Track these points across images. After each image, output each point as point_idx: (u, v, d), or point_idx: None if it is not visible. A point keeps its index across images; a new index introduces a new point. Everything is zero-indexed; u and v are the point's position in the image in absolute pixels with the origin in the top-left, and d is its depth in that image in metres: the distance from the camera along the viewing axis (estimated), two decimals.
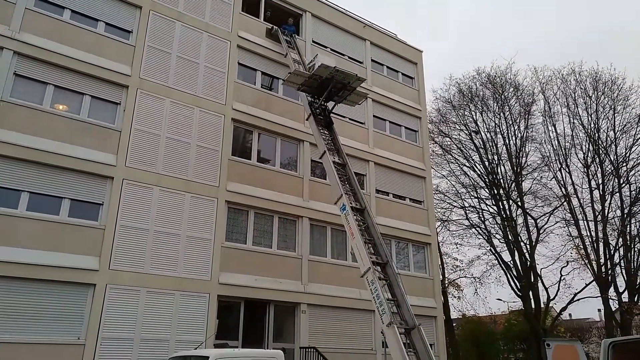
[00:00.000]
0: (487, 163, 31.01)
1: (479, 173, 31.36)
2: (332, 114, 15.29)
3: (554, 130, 31.12)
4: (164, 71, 14.82)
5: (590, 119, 30.37)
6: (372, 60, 20.76)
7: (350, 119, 18.80)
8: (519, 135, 30.74)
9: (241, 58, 16.78)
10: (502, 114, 31.23)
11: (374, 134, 19.42)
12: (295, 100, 17.33)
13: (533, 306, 28.17)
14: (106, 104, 13.70)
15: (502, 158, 30.88)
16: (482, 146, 31.29)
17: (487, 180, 31.03)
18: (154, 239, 13.11)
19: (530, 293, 28.29)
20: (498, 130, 31.13)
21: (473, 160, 31.72)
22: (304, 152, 17.10)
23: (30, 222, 11.66)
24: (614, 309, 29.02)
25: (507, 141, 30.73)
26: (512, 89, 31.84)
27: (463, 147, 31.92)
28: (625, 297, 28.47)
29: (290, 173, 16.69)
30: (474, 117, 31.94)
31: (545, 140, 31.17)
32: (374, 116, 19.75)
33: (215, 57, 16.05)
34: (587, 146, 30.36)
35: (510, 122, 30.98)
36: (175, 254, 13.34)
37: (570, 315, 41.70)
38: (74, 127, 12.91)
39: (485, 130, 31.53)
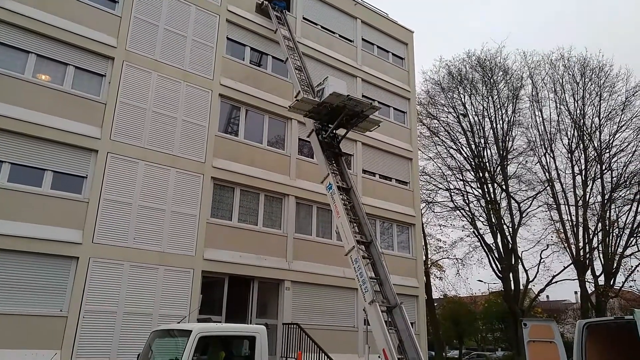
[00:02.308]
0: (473, 146, 31.29)
1: (465, 156, 31.67)
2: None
3: (540, 115, 31.45)
4: (151, 44, 14.53)
5: (576, 105, 30.74)
6: (363, 39, 20.58)
7: None
8: (506, 119, 31.02)
9: (230, 33, 16.51)
10: (490, 98, 31.41)
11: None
12: (284, 77, 17.17)
13: (513, 288, 28.81)
14: (91, 75, 13.43)
15: (489, 142, 31.19)
16: (470, 129, 31.51)
17: (473, 163, 31.34)
18: (138, 214, 13.05)
19: (511, 275, 28.93)
20: (486, 114, 31.36)
21: (460, 143, 32.00)
22: (291, 130, 17.02)
23: (12, 193, 11.49)
24: (590, 291, 29.85)
25: (494, 125, 31.00)
26: (501, 73, 31.99)
27: (450, 129, 32.15)
28: (601, 280, 29.29)
29: (277, 151, 16.63)
30: (463, 100, 32.09)
31: (531, 125, 31.53)
32: (363, 96, 19.65)
33: (203, 31, 15.77)
34: (572, 132, 30.80)
35: (498, 106, 31.20)
36: (159, 229, 13.30)
37: (547, 297, 42.71)
38: (57, 98, 12.65)
39: (473, 113, 31.74)
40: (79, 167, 12.62)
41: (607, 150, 30.29)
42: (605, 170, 30.06)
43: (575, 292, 38.87)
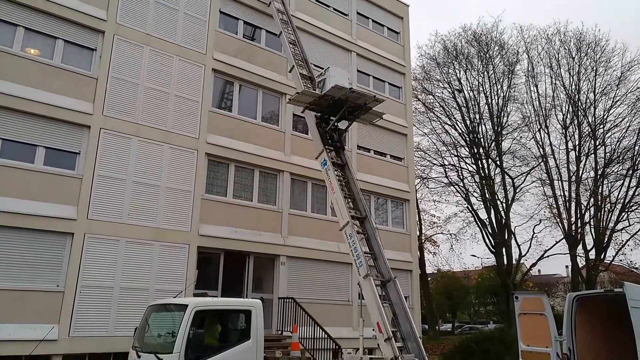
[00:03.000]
0: (468, 122, 31.24)
1: (460, 132, 31.64)
2: (314, 67, 15.01)
3: (535, 90, 31.35)
4: (142, 17, 14.25)
5: (571, 80, 30.65)
6: (358, 13, 20.27)
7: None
8: (502, 94, 30.90)
9: (223, 6, 16.20)
10: (486, 73, 31.22)
11: (357, 88, 19.18)
12: (278, 52, 16.95)
13: (505, 262, 29.20)
14: (81, 49, 13.19)
15: (484, 117, 31.14)
16: (465, 105, 31.41)
17: (467, 139, 31.34)
18: (132, 190, 13.02)
19: (504, 249, 29.27)
20: (481, 89, 31.22)
21: (455, 118, 31.91)
22: (286, 105, 16.88)
23: (5, 169, 11.40)
24: (580, 265, 30.33)
25: (489, 100, 30.88)
26: (497, 48, 31.71)
27: (445, 105, 32.02)
28: (592, 254, 29.73)
29: (271, 127, 16.53)
30: (458, 75, 31.88)
31: (526, 101, 31.46)
32: (357, 71, 19.50)
33: (195, 4, 15.46)
34: (566, 107, 30.77)
35: (494, 82, 31.05)
36: (154, 205, 13.30)
37: (539, 271, 43.43)
38: (48, 73, 12.45)
39: (469, 89, 31.58)
40: (71, 143, 12.51)
41: (601, 126, 30.37)
42: (599, 146, 30.20)
43: (566, 266, 39.55)
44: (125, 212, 12.78)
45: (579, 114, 30.32)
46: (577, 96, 30.35)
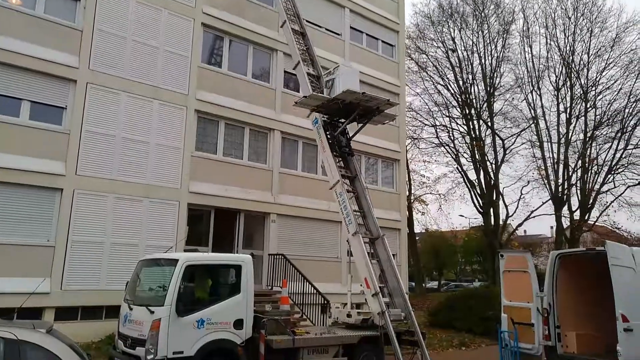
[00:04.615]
0: (461, 82, 30.99)
1: (453, 92, 31.42)
2: (307, 23, 14.66)
3: (529, 51, 31.05)
4: None
5: (566, 41, 30.35)
6: None
7: (326, 29, 18.15)
8: (495, 55, 30.56)
9: None
10: (480, 33, 30.74)
11: (350, 46, 18.89)
12: (269, 6, 16.49)
13: (492, 222, 29.70)
14: None
15: (477, 78, 30.89)
16: (458, 65, 31.05)
17: (459, 99, 31.18)
18: (121, 146, 12.89)
19: (491, 210, 29.70)
20: (475, 49, 30.81)
21: (447, 79, 31.62)
22: (277, 62, 16.60)
23: None
24: (565, 226, 30.98)
25: (482, 61, 30.55)
26: (492, 6, 31.13)
27: (439, 65, 31.63)
28: (577, 215, 30.35)
29: (262, 84, 16.29)
30: (452, 34, 31.36)
31: (520, 62, 31.19)
32: (351, 27, 19.09)
33: None
34: (560, 69, 30.58)
35: (488, 42, 30.62)
36: (143, 161, 13.21)
37: (525, 231, 44.24)
38: (30, 24, 12.03)
39: (462, 48, 31.15)
40: (57, 98, 12.27)
41: (593, 88, 30.33)
42: (590, 108, 30.26)
43: (551, 227, 40.28)
44: (114, 169, 12.71)
45: (572, 75, 30.19)
46: (571, 57, 30.14)
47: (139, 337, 7.68)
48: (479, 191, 30.11)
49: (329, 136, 12.05)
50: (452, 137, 31.52)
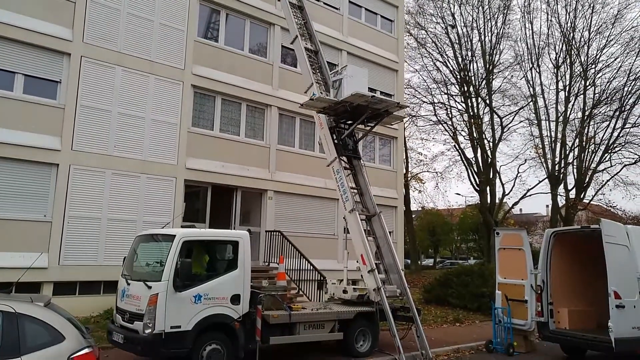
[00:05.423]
0: (460, 59, 30.65)
1: (451, 69, 31.12)
2: None
3: (530, 27, 30.81)
4: None
5: (567, 17, 29.96)
6: None
7: (324, 3, 17.86)
8: (495, 31, 30.16)
9: None
10: (480, 8, 30.26)
11: (348, 21, 18.62)
12: None
13: (489, 201, 29.82)
14: None
15: (476, 55, 30.55)
16: (457, 41, 30.66)
17: (458, 76, 30.90)
18: (117, 121, 12.78)
19: (488, 188, 29.77)
20: (475, 25, 30.39)
21: (447, 55, 31.26)
22: (274, 36, 16.37)
23: None
24: (561, 204, 31.16)
25: (482, 37, 30.18)
26: None
27: (438, 41, 31.21)
28: (572, 194, 30.48)
29: (259, 59, 16.09)
30: (452, 9, 30.86)
31: (520, 38, 30.98)
32: (349, 2, 18.78)
33: None
34: (560, 46, 30.29)
35: (488, 17, 30.18)
36: (140, 137, 13.13)
37: (520, 210, 44.58)
38: None
39: (462, 24, 30.71)
40: (51, 71, 12.09)
41: (593, 66, 30.11)
42: (589, 86, 30.09)
43: (547, 206, 40.54)
44: (110, 144, 12.62)
45: (572, 53, 29.92)
46: (571, 34, 29.82)
47: (137, 312, 7.74)
48: (475, 169, 30.12)
49: (335, 138, 11.63)
50: (450, 115, 31.38)
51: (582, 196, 30.36)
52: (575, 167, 30.39)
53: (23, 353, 4.33)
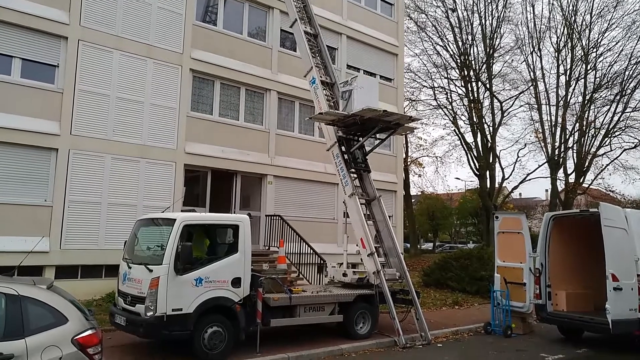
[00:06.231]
0: (460, 43, 30.44)
1: (452, 53, 30.91)
2: None
3: (532, 11, 30.54)
4: None
5: (569, 0, 29.65)
6: None
7: None
8: (496, 15, 29.89)
9: None
10: None
11: (348, 4, 18.43)
12: None
13: (488, 185, 29.87)
14: None
15: (476, 39, 30.32)
16: (458, 25, 30.41)
17: (458, 61, 30.71)
18: (116, 106, 12.73)
19: (487, 173, 29.80)
20: (475, 9, 30.11)
21: (447, 39, 31.03)
22: (273, 20, 16.21)
23: None
24: (560, 189, 31.22)
25: (483, 21, 29.92)
26: None
27: (438, 25, 30.94)
28: (572, 178, 30.53)
29: (258, 43, 15.97)
30: None
31: (521, 22, 30.69)
32: None
33: None
34: (561, 30, 30.05)
35: (489, 1, 29.89)
36: (139, 121, 13.09)
37: (520, 194, 44.63)
38: None
39: (463, 8, 30.43)
40: (49, 55, 12.01)
41: (594, 50, 29.92)
42: (590, 70, 29.94)
43: (546, 190, 40.63)
44: (109, 129, 12.60)
45: (574, 36, 29.69)
46: (573, 17, 29.56)
47: (139, 295, 7.81)
48: (475, 154, 30.11)
49: (344, 151, 11.45)
50: (450, 100, 31.26)
51: (581, 180, 30.41)
52: (575, 151, 30.39)
53: (27, 335, 4.37)
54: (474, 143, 30.39)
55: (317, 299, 9.56)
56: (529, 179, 30.17)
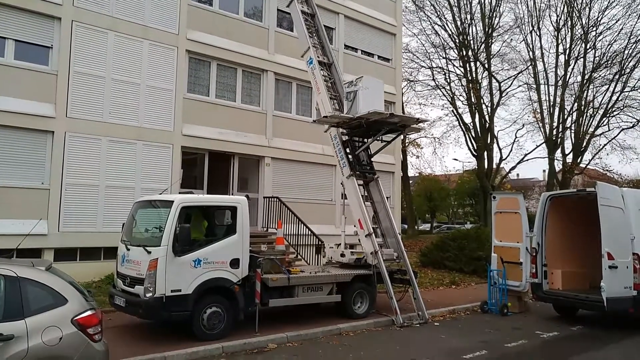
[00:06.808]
0: (459, 22, 30.07)
1: (450, 33, 30.57)
2: None
3: None
4: None
5: None
6: None
7: None
8: None
9: None
10: None
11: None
12: None
13: (486, 166, 29.88)
14: None
15: (475, 18, 29.97)
16: (456, 4, 30.00)
17: (457, 40, 30.40)
18: (112, 88, 12.62)
19: (485, 153, 29.78)
20: None
21: (445, 19, 30.64)
22: (269, 0, 15.99)
23: None
24: (557, 169, 31.26)
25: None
26: None
27: (437, 4, 30.54)
28: (569, 158, 30.56)
29: (255, 23, 15.77)
30: None
31: (520, 1, 30.23)
32: None
33: None
34: (561, 8, 29.71)
35: None
36: (135, 103, 13.00)
37: (517, 174, 44.69)
38: None
39: None
40: (42, 36, 11.85)
41: (594, 29, 29.63)
42: (589, 49, 29.71)
43: (544, 171, 40.71)
44: (105, 111, 12.51)
45: (574, 15, 29.38)
46: None
47: (137, 276, 7.85)
48: (473, 134, 30.04)
49: (349, 157, 11.23)
50: (448, 80, 31.05)
51: (579, 160, 30.43)
52: (573, 131, 30.33)
53: (27, 315, 4.41)
54: (472, 124, 30.30)
55: (315, 279, 9.63)
56: (527, 160, 30.18)
